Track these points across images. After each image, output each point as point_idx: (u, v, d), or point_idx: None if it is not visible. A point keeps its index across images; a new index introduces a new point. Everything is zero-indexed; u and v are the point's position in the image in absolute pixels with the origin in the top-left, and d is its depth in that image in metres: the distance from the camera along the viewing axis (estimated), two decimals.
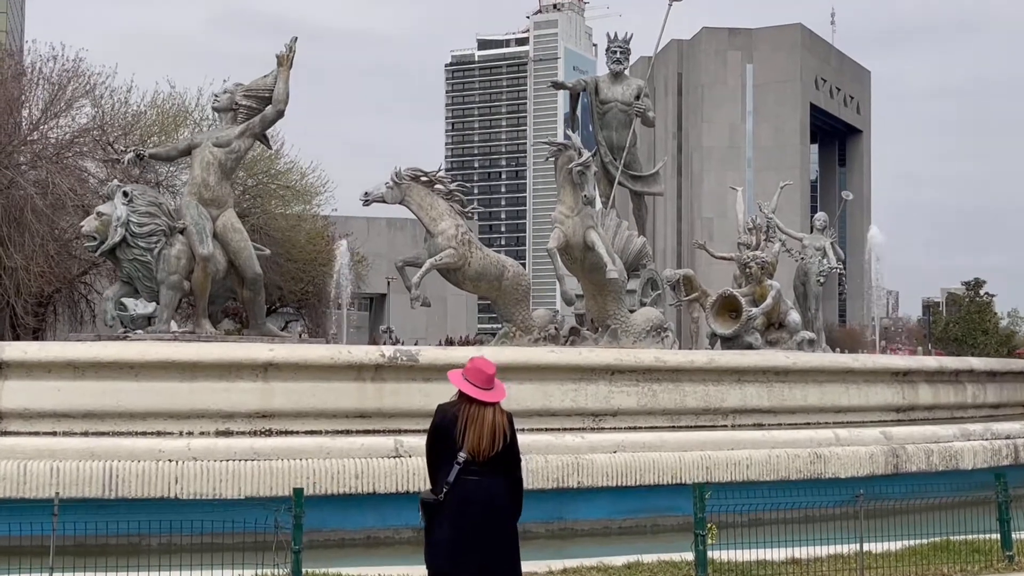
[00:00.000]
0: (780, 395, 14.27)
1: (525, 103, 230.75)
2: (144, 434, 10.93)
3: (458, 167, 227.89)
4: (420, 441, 7.27)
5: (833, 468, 12.57)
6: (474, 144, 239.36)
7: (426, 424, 11.42)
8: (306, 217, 47.50)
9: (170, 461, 9.91)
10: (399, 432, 11.19)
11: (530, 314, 17.30)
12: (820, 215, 27.63)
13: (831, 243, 26.25)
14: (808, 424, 14.44)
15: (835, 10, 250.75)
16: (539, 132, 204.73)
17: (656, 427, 13.13)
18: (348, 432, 11.46)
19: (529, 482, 10.83)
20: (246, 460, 10.02)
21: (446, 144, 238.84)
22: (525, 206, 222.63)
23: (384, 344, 45.16)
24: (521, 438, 11.53)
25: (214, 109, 15.79)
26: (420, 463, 7.50)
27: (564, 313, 20.90)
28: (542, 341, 16.83)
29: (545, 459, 10.98)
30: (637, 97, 20.97)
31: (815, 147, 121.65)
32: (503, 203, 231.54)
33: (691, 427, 13.44)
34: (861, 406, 15.26)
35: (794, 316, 19.29)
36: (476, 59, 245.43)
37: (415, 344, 41.73)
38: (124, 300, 16.75)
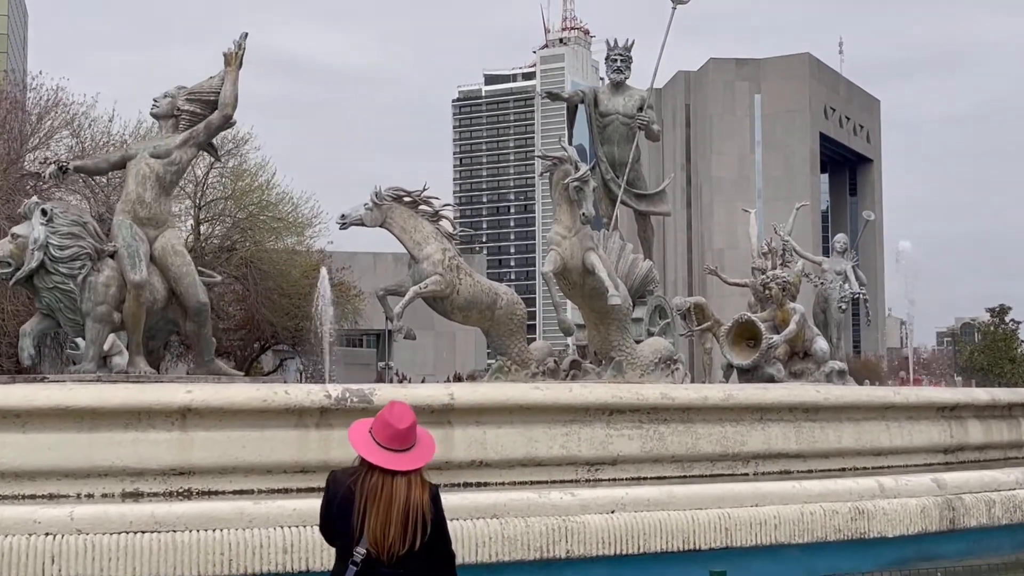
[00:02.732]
0: (810, 436, 12.11)
1: (533, 137, 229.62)
2: (33, 498, 8.86)
3: (466, 202, 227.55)
4: None
5: (879, 526, 10.39)
6: (482, 179, 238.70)
7: None
8: (301, 251, 45.95)
9: (47, 535, 7.80)
10: None
11: (526, 346, 15.58)
12: (840, 237, 25.88)
13: (852, 266, 24.55)
14: (843, 471, 12.27)
15: (843, 39, 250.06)
16: None
17: (664, 477, 10.97)
18: (286, 491, 9.35)
19: (505, 552, 8.74)
20: (144, 532, 7.90)
21: (454, 179, 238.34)
22: (534, 240, 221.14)
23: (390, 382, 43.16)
24: (498, 496, 9.44)
25: (152, 115, 13.75)
26: None
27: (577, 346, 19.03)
28: (540, 376, 15.13)
29: (526, 523, 8.82)
30: (640, 109, 19.10)
31: (825, 177, 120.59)
32: (512, 237, 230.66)
33: (705, 477, 11.29)
34: (903, 447, 13.09)
35: (821, 344, 17.23)
36: (483, 94, 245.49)
37: (422, 381, 39.84)
38: (75, 339, 14.89)
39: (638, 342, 15.99)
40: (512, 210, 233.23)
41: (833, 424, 12.33)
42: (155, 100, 13.66)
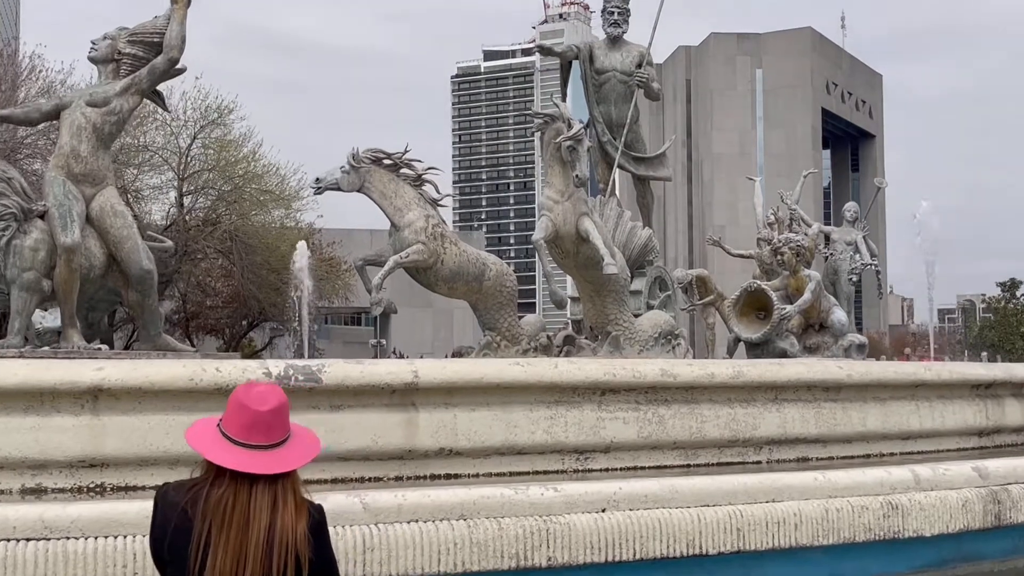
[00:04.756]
0: (831, 418, 10.64)
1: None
2: None
3: (465, 179, 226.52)
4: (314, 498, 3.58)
5: (915, 523, 8.92)
6: (481, 156, 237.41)
7: (335, 471, 7.92)
8: (291, 226, 44.78)
9: None
10: None
11: (517, 321, 14.43)
12: (851, 205, 24.57)
13: (863, 236, 23.20)
14: (868, 456, 10.84)
15: (845, 14, 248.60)
16: None
17: (664, 467, 9.52)
18: None
19: (473, 561, 7.26)
20: (30, 540, 6.46)
21: (453, 156, 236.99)
22: (534, 217, 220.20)
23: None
24: (466, 492, 7.82)
25: (91, 60, 12.22)
26: None
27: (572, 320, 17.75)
28: (532, 352, 13.88)
29: (499, 525, 7.35)
30: (639, 65, 17.60)
31: (827, 152, 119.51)
32: (512, 215, 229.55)
33: (712, 465, 9.85)
34: (934, 430, 11.63)
35: (839, 315, 15.68)
36: (482, 70, 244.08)
37: (420, 359, 38.45)
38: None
39: (637, 315, 14.82)
40: (511, 186, 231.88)
41: (857, 404, 10.88)
42: (93, 43, 12.13)
